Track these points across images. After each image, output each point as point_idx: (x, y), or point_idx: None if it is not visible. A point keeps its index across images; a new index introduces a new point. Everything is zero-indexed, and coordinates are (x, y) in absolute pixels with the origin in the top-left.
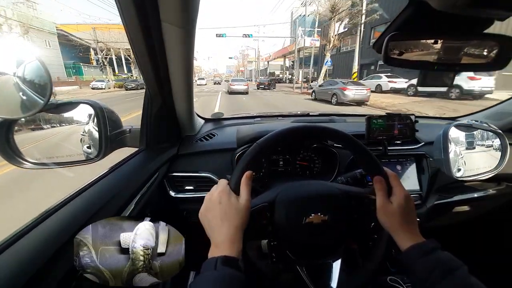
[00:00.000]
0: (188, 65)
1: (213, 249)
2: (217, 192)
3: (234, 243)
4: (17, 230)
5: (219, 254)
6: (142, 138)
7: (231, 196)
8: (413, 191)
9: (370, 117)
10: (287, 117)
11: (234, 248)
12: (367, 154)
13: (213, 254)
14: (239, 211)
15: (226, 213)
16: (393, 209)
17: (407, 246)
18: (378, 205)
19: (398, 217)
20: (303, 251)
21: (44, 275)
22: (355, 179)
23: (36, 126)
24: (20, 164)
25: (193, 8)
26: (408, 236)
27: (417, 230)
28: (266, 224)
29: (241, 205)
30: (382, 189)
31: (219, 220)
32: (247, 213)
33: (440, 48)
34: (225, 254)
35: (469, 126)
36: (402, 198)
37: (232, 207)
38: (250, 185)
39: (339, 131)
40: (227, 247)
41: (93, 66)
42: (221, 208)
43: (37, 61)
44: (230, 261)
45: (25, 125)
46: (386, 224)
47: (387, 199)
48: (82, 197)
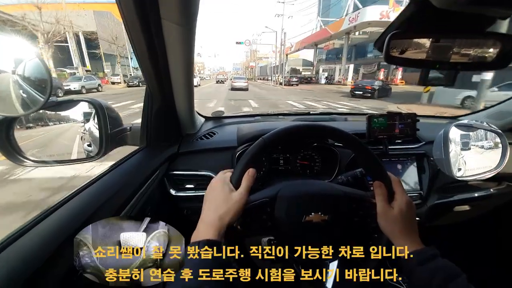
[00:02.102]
0: (188, 63)
1: (196, 230)
2: (215, 180)
3: (213, 228)
4: (18, 228)
5: (199, 236)
6: (142, 136)
7: (224, 186)
8: (414, 191)
9: (371, 116)
10: (287, 115)
11: (212, 233)
12: (372, 158)
13: (195, 234)
14: (228, 202)
15: (215, 200)
16: (394, 214)
17: (407, 252)
18: (378, 210)
19: (398, 223)
20: (300, 249)
21: (44, 273)
22: (356, 178)
23: (37, 124)
24: (20, 162)
25: (193, 6)
26: (408, 243)
27: (417, 237)
28: (266, 220)
29: (233, 198)
30: (382, 194)
31: (208, 204)
32: (236, 206)
33: (442, 46)
34: (206, 238)
35: (469, 126)
36: (404, 204)
37: (222, 197)
38: (251, 182)
39: (349, 134)
40: (207, 231)
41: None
42: (212, 195)
43: (37, 59)
44: (213, 244)
45: (25, 123)
46: (386, 230)
47: (388, 204)
48: (83, 195)
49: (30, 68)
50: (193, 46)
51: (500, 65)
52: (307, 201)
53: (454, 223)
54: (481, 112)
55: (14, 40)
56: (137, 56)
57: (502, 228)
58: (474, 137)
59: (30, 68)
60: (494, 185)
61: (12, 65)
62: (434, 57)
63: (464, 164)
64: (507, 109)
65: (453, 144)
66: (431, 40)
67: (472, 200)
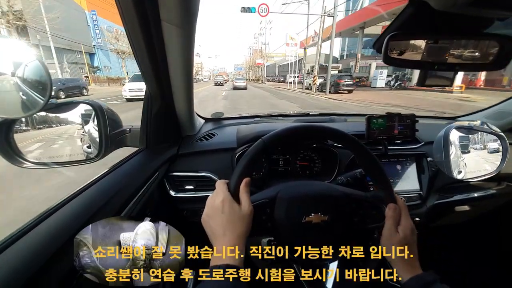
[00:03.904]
0: (188, 64)
1: (215, 257)
2: (219, 201)
3: (236, 252)
4: (18, 229)
5: (221, 263)
6: (142, 137)
7: (233, 205)
8: (413, 191)
9: (370, 117)
10: (287, 117)
11: (236, 257)
12: (372, 161)
13: (215, 263)
14: (243, 218)
15: (229, 222)
16: (399, 239)
17: (407, 277)
18: (384, 232)
19: (401, 247)
20: (300, 249)
21: (44, 274)
22: (355, 178)
23: (36, 125)
24: (20, 163)
25: (193, 8)
26: (408, 268)
27: (417, 262)
28: (266, 220)
29: (244, 213)
30: (393, 217)
31: (221, 229)
32: (250, 219)
33: (440, 47)
34: (227, 263)
35: (469, 129)
36: (409, 230)
37: (235, 216)
38: (249, 192)
39: (348, 135)
40: (230, 256)
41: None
42: (223, 218)
43: (37, 61)
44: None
45: (25, 124)
46: (388, 252)
47: (395, 228)
48: (83, 196)
49: (30, 70)
50: (193, 47)
51: (499, 65)
52: (307, 201)
53: (454, 223)
54: (480, 112)
55: (13, 43)
56: (136, 57)
57: (502, 228)
58: (475, 139)
59: (30, 70)
60: (494, 185)
61: (11, 67)
62: (433, 58)
63: (464, 166)
64: (507, 109)
65: (454, 146)
66: (430, 41)
67: (472, 200)
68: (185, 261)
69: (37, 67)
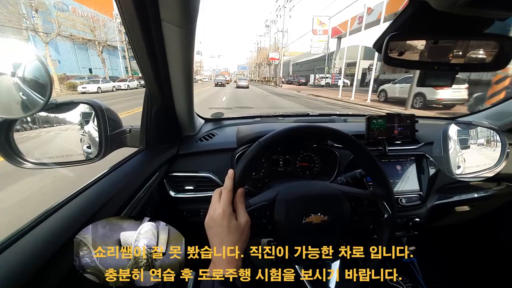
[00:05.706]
0: (188, 65)
1: (212, 266)
2: (217, 213)
3: (233, 262)
4: (18, 229)
5: (217, 273)
6: (142, 138)
7: (231, 219)
8: (413, 191)
9: (370, 117)
10: (287, 117)
11: (232, 267)
12: (371, 160)
13: (212, 269)
14: (239, 230)
15: (226, 234)
16: None
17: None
18: None
19: None
20: (301, 250)
21: (44, 274)
22: (355, 179)
23: (36, 125)
24: (20, 164)
25: (193, 8)
26: None
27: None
28: (266, 223)
29: (241, 225)
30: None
31: (219, 240)
32: (246, 228)
33: (440, 48)
34: (223, 274)
35: (468, 124)
36: None
37: (233, 229)
38: (243, 202)
39: (348, 135)
40: (226, 266)
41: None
42: (221, 231)
43: (37, 61)
44: (228, 284)
45: (25, 124)
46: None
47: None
48: (82, 196)
49: (30, 70)
50: (193, 47)
51: (499, 65)
52: (306, 202)
53: (454, 223)
54: (480, 112)
55: (13, 43)
56: (136, 57)
57: (502, 229)
58: (473, 134)
59: (30, 70)
60: (494, 186)
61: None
62: (433, 58)
63: (463, 161)
64: (506, 109)
65: (453, 141)
66: (430, 42)
67: (471, 201)
68: (185, 261)
69: (37, 67)
